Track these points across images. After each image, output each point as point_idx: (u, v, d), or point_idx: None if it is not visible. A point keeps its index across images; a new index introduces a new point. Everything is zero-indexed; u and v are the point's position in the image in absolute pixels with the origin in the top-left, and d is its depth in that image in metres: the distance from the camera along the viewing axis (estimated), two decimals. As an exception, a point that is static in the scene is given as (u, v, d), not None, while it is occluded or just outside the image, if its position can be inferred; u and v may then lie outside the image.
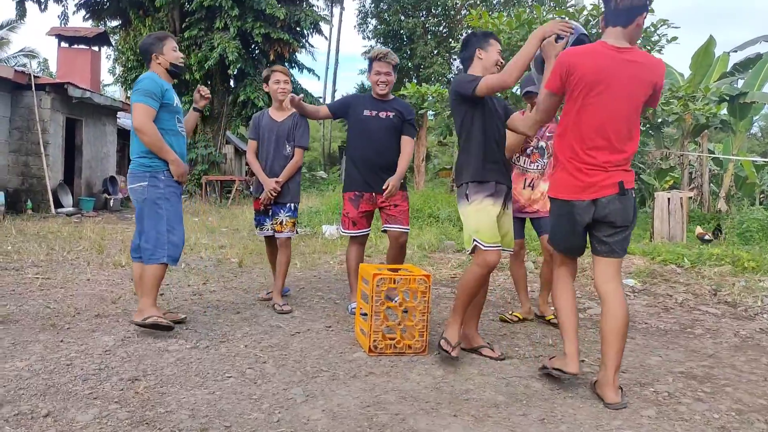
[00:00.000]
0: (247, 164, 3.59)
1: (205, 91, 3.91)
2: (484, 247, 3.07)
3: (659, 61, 2.84)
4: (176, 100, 3.61)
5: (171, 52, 3.57)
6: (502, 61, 3.30)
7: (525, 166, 4.07)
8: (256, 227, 4.47)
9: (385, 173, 4.06)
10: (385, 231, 4.22)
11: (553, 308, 4.06)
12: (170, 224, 3.47)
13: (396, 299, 3.41)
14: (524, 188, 4.06)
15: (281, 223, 4.24)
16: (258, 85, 15.01)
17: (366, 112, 4.11)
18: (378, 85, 4.07)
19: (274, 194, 4.18)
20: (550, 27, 2.90)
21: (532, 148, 4.04)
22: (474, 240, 3.10)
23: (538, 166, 4.05)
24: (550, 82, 2.81)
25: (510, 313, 4.22)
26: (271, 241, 4.48)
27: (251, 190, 4.43)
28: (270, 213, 4.30)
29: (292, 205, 4.27)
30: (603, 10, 2.83)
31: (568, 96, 2.78)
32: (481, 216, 3.12)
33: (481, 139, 3.18)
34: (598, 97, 2.69)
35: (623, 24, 2.71)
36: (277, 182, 4.17)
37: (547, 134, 4.01)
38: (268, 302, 4.37)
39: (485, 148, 3.17)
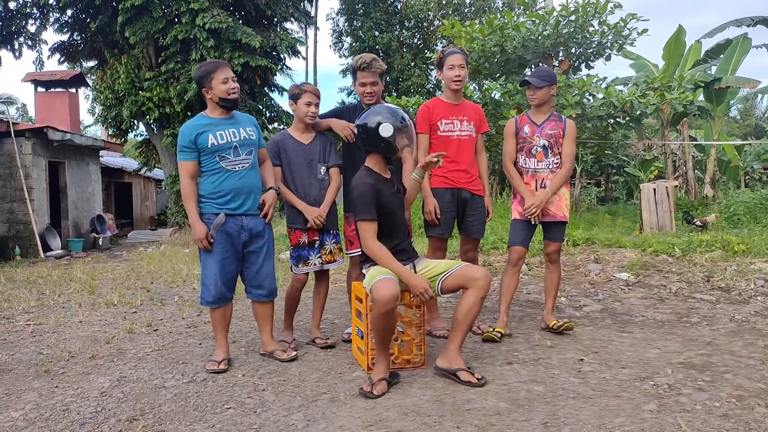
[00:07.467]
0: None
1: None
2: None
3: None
4: (212, 140, 3.40)
5: (219, 86, 3.38)
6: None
7: (533, 167, 3.93)
8: (296, 264, 3.85)
9: None
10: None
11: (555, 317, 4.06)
12: (204, 268, 3.56)
13: None
14: (537, 189, 3.90)
15: (330, 252, 3.90)
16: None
17: None
18: (365, 96, 3.80)
19: (321, 222, 3.77)
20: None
21: (535, 147, 3.91)
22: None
23: (546, 164, 3.90)
24: None
25: (493, 330, 3.82)
26: (301, 278, 3.92)
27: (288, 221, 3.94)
28: (316, 245, 3.85)
29: (334, 230, 3.95)
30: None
31: None
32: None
33: None
34: None
35: None
36: (320, 215, 3.76)
37: (548, 131, 3.89)
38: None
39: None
